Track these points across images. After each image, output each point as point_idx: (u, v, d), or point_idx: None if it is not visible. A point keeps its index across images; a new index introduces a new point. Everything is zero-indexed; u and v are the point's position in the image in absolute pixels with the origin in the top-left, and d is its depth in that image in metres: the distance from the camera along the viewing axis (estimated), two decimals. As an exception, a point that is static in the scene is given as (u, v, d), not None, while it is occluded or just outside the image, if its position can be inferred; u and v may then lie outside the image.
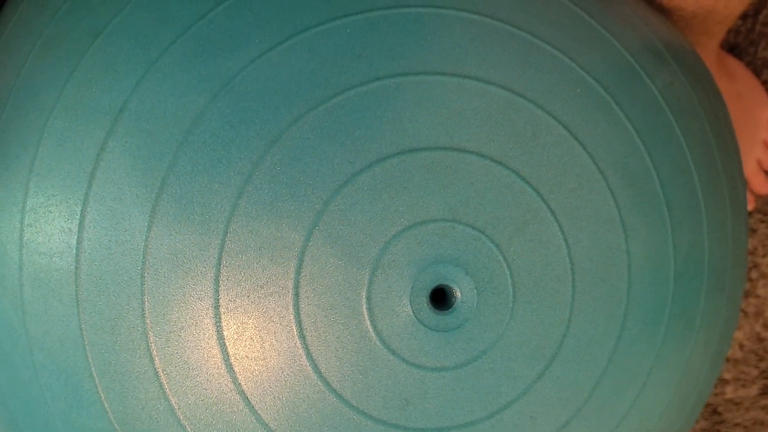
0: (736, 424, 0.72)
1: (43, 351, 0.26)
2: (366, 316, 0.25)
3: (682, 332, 0.29)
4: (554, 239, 0.26)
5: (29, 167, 0.26)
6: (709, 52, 0.55)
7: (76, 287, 0.25)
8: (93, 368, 0.26)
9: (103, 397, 0.26)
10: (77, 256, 0.25)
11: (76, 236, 0.25)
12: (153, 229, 0.24)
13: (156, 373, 0.25)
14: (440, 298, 0.25)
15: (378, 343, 0.25)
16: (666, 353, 0.29)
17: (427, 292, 0.25)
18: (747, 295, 0.71)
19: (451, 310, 0.25)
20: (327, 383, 0.25)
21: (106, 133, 0.25)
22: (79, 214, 0.25)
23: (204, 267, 0.24)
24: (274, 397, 0.25)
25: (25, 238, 0.26)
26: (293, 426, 0.25)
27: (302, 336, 0.24)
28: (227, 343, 0.24)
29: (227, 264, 0.24)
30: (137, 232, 0.25)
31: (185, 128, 0.24)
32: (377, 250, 0.25)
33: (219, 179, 0.24)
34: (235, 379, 0.25)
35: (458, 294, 0.25)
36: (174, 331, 0.25)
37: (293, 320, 0.24)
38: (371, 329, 0.25)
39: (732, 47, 0.67)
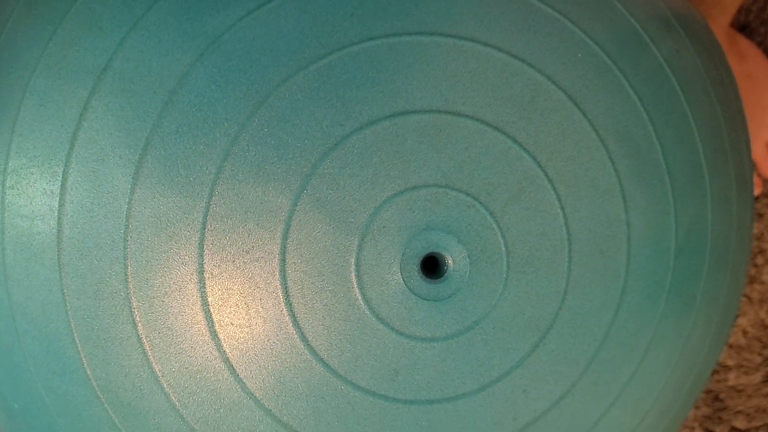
0: (738, 412, 0.71)
1: (25, 316, 0.26)
2: (354, 283, 0.24)
3: (682, 310, 0.28)
4: (551, 208, 0.25)
5: (11, 128, 0.25)
6: (720, 28, 0.54)
7: (59, 251, 0.25)
8: (75, 334, 0.25)
9: (85, 364, 0.25)
10: (59, 219, 0.25)
11: (58, 198, 0.24)
12: (136, 192, 0.24)
13: (139, 339, 0.24)
14: (432, 266, 0.25)
15: (367, 312, 0.24)
16: (664, 330, 0.28)
17: (418, 260, 0.24)
18: (752, 281, 0.70)
19: (442, 278, 0.24)
20: (314, 352, 0.24)
21: (89, 93, 0.24)
22: (60, 176, 0.24)
23: (188, 231, 0.24)
24: (259, 366, 0.24)
25: (6, 200, 0.25)
26: (279, 395, 0.24)
27: (289, 303, 0.24)
28: (211, 310, 0.24)
29: (212, 228, 0.23)
30: (120, 194, 0.24)
31: (170, 88, 0.24)
32: (367, 215, 0.24)
33: (204, 140, 0.23)
34: (219, 347, 0.24)
35: (450, 262, 0.24)
36: (157, 296, 0.24)
37: (279, 287, 0.24)
38: (360, 297, 0.24)
39: (743, 26, 0.65)
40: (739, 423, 0.72)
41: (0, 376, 0.27)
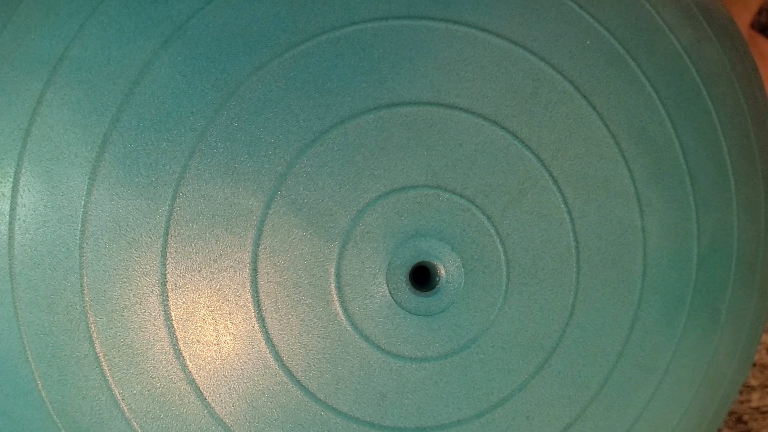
0: (763, 433, 0.68)
1: None
2: (335, 296, 0.21)
3: (706, 325, 0.25)
4: (556, 212, 0.22)
5: None
6: (741, 27, 0.52)
7: (10, 259, 0.22)
8: (29, 352, 0.23)
9: (40, 385, 0.23)
10: (10, 224, 0.22)
11: (9, 201, 0.22)
12: (93, 193, 0.21)
13: (97, 358, 0.22)
14: (422, 277, 0.22)
15: (349, 328, 0.21)
16: (686, 349, 0.25)
17: (406, 270, 0.22)
18: (777, 295, 0.67)
19: (434, 291, 0.22)
20: (290, 373, 0.21)
21: (43, 85, 0.22)
22: (12, 176, 0.22)
23: (150, 237, 0.21)
24: (229, 388, 0.22)
25: (-46, 204, 0.23)
26: (251, 421, 0.22)
27: (261, 318, 0.21)
28: (175, 325, 0.21)
29: (176, 234, 0.21)
30: (75, 196, 0.21)
31: (131, 78, 0.21)
32: (349, 219, 0.21)
33: (168, 136, 0.21)
34: (184, 367, 0.21)
35: (443, 272, 0.22)
36: (116, 310, 0.22)
37: (251, 299, 0.21)
38: (341, 311, 0.21)
39: (763, 28, 0.63)
40: (764, 445, 0.68)
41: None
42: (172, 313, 0.21)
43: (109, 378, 0.22)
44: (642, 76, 0.24)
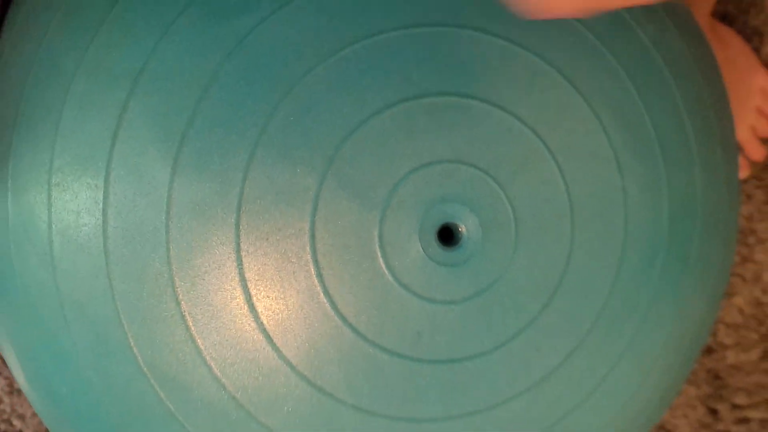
0: (739, 389, 0.73)
1: (73, 305, 0.28)
2: (378, 254, 0.26)
3: (678, 269, 0.31)
4: (553, 177, 0.27)
5: (54, 130, 0.28)
6: (702, 17, 0.57)
7: (104, 240, 0.27)
8: (122, 317, 0.27)
9: (132, 344, 0.27)
10: (104, 210, 0.27)
11: (102, 191, 0.27)
12: (176, 181, 0.26)
13: (182, 316, 0.26)
14: (447, 235, 0.27)
15: (391, 280, 0.26)
16: (662, 289, 0.30)
17: (434, 230, 0.27)
18: (745, 260, 0.72)
19: (458, 246, 0.27)
20: (344, 318, 0.26)
21: (127, 94, 0.27)
22: (104, 170, 0.27)
23: (225, 213, 0.26)
24: (294, 334, 0.26)
25: (53, 196, 0.28)
26: (312, 360, 0.26)
27: (319, 275, 0.26)
28: (249, 285, 0.26)
29: (246, 209, 0.26)
30: (160, 184, 0.26)
31: (202, 85, 0.26)
32: (386, 191, 0.26)
33: (236, 131, 0.26)
34: (257, 319, 0.26)
35: (464, 231, 0.27)
36: (198, 275, 0.26)
37: (310, 260, 0.26)
38: (384, 266, 0.26)
39: (723, 15, 0.68)
40: (740, 400, 0.74)
41: (46, 362, 0.29)
42: (246, 275, 0.26)
43: (193, 332, 0.27)
44: (616, 63, 0.29)
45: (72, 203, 0.27)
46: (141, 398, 0.28)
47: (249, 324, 0.26)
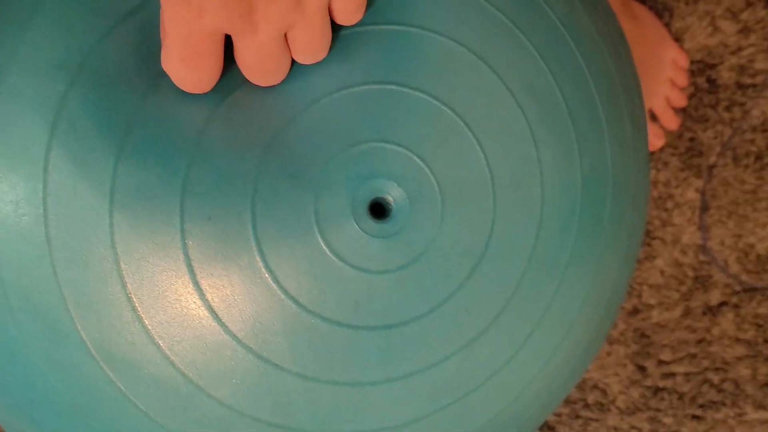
0: (664, 345, 0.78)
1: (17, 294, 0.29)
2: (316, 230, 0.28)
3: (592, 231, 0.33)
4: (473, 151, 0.29)
5: None
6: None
7: (46, 228, 0.28)
8: (68, 302, 0.28)
9: (80, 329, 0.28)
10: (44, 199, 0.28)
11: (41, 181, 0.28)
12: (119, 168, 0.27)
13: (129, 298, 0.28)
14: (378, 209, 0.29)
15: (328, 253, 0.28)
16: (579, 251, 0.33)
17: (366, 204, 0.28)
18: (664, 224, 0.76)
19: (388, 219, 0.29)
20: (286, 292, 0.28)
21: (66, 87, 0.27)
22: (43, 160, 0.27)
23: (169, 196, 0.27)
24: (239, 310, 0.28)
25: (-8, 189, 0.28)
26: (258, 334, 0.28)
27: (261, 252, 0.27)
28: (193, 264, 0.27)
29: (190, 192, 0.27)
30: (104, 171, 0.27)
31: (149, 80, 0.27)
32: (320, 171, 0.28)
33: (182, 120, 0.27)
34: (202, 296, 0.28)
35: (393, 204, 0.29)
36: (143, 257, 0.27)
37: (252, 238, 0.27)
38: (321, 241, 0.28)
39: (634, -7, 0.71)
40: (665, 356, 0.78)
41: (-4, 354, 0.30)
42: (190, 254, 0.27)
43: (140, 312, 0.28)
44: (528, 42, 0.31)
45: (10, 194, 0.28)
46: (91, 381, 0.29)
47: (194, 302, 0.28)
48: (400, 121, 0.29)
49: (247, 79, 0.28)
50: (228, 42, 0.27)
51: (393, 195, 0.28)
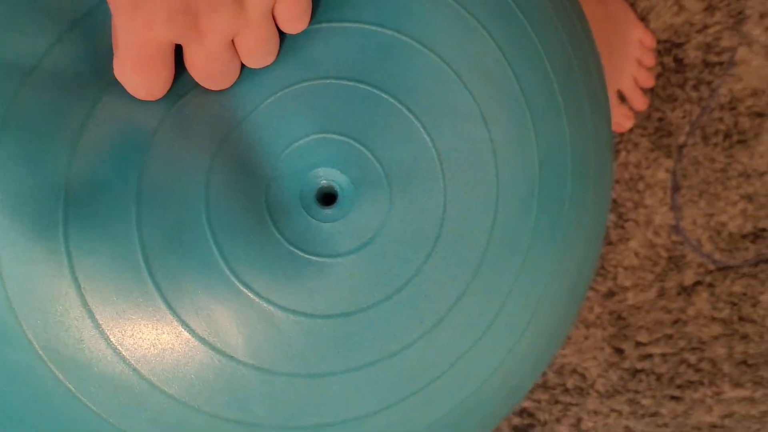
0: (640, 327, 0.78)
1: None
2: (268, 218, 0.27)
3: (554, 212, 0.33)
4: (417, 135, 0.29)
5: None
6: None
7: None
8: (12, 302, 0.27)
9: (25, 328, 0.27)
10: None
11: None
12: (74, 164, 0.27)
13: (79, 292, 0.27)
14: (328, 197, 0.29)
15: (281, 240, 0.28)
16: (540, 232, 0.32)
17: (313, 193, 0.28)
18: (636, 206, 0.76)
19: (335, 204, 0.29)
20: (240, 280, 0.27)
21: (16, 87, 0.27)
22: None
23: (124, 190, 0.27)
24: (193, 300, 0.27)
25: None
26: (212, 324, 0.27)
27: (216, 241, 0.27)
28: (148, 252, 0.27)
29: (146, 183, 0.27)
30: (58, 168, 0.27)
31: (104, 79, 0.27)
32: (269, 166, 0.28)
33: (136, 119, 0.27)
34: (157, 287, 0.27)
35: (338, 190, 0.28)
36: (96, 250, 0.27)
37: (206, 226, 0.27)
38: (273, 229, 0.28)
39: (597, -26, 0.71)
40: (642, 337, 0.78)
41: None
42: (146, 241, 0.27)
43: (91, 307, 0.27)
44: (475, 21, 0.30)
45: None
46: (40, 383, 0.28)
47: (148, 293, 0.27)
48: (340, 113, 0.29)
49: (197, 83, 0.28)
50: (179, 48, 0.27)
51: (338, 182, 0.29)
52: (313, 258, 0.28)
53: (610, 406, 0.78)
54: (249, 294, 0.27)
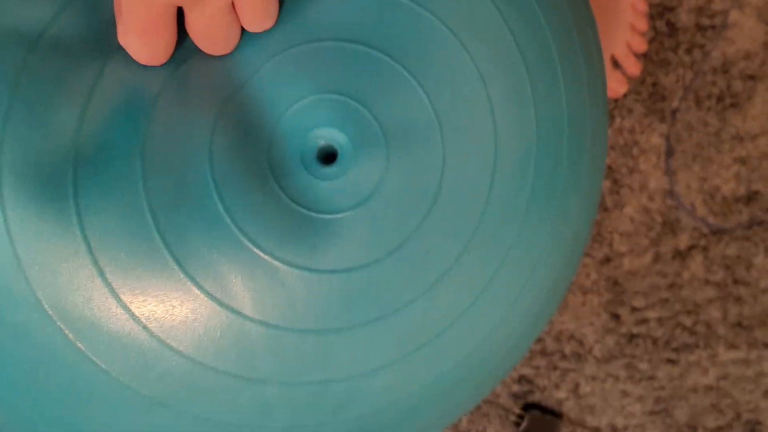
0: (636, 292, 0.79)
1: None
2: (271, 178, 0.28)
3: (551, 170, 0.33)
4: (415, 95, 0.29)
5: None
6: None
7: (0, 186, 0.27)
8: (21, 261, 0.27)
9: (34, 287, 0.28)
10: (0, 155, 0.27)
11: None
12: (83, 129, 0.27)
13: (89, 251, 0.27)
14: (325, 155, 0.30)
15: (285, 198, 0.28)
16: (539, 189, 0.33)
17: (313, 152, 0.29)
18: (631, 171, 0.77)
19: (335, 162, 0.29)
20: (246, 235, 0.28)
21: (25, 52, 0.27)
22: (2, 119, 0.27)
23: (131, 152, 0.27)
24: (200, 257, 0.28)
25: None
26: (219, 281, 0.28)
27: (220, 197, 0.28)
28: (155, 210, 0.27)
29: (149, 145, 0.27)
30: (66, 131, 0.27)
31: (110, 45, 0.27)
32: (271, 127, 0.29)
33: (144, 79, 0.27)
34: (163, 239, 0.27)
35: (338, 149, 0.29)
36: (106, 209, 0.27)
37: (211, 183, 0.28)
38: (276, 187, 0.28)
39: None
40: (638, 302, 0.79)
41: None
42: (152, 201, 0.27)
43: (101, 265, 0.27)
44: None
45: None
46: (49, 342, 0.28)
47: (156, 249, 0.27)
48: (338, 73, 0.29)
49: (199, 49, 0.29)
50: (180, 14, 0.28)
51: (337, 141, 0.29)
52: (315, 215, 0.28)
53: (608, 371, 0.79)
54: (254, 249, 0.28)
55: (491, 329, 0.34)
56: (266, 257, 0.28)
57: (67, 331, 0.28)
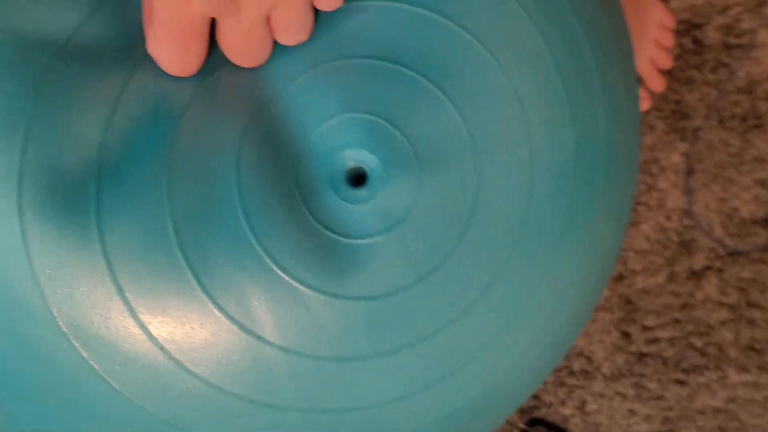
0: (649, 311, 0.78)
1: None
2: (298, 198, 0.27)
3: (585, 196, 0.32)
4: (450, 116, 0.28)
5: None
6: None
7: (19, 195, 0.26)
8: (37, 275, 0.26)
9: (50, 303, 0.27)
10: (21, 167, 0.26)
11: (20, 148, 0.26)
12: (107, 138, 0.26)
13: (109, 267, 0.26)
14: (355, 177, 0.29)
15: (312, 221, 0.27)
16: (572, 215, 0.32)
17: (342, 173, 0.28)
18: (650, 189, 0.76)
19: (364, 185, 0.28)
20: (270, 256, 0.27)
21: (49, 60, 0.26)
22: (23, 131, 0.26)
23: (156, 164, 0.26)
24: (221, 275, 0.27)
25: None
26: (241, 303, 0.27)
27: (246, 215, 0.27)
28: (179, 227, 0.26)
29: (175, 157, 0.26)
30: (90, 142, 0.26)
31: (138, 53, 0.26)
32: (299, 144, 0.27)
33: (172, 90, 0.27)
34: (186, 257, 0.26)
35: (368, 170, 0.28)
36: (128, 223, 0.26)
37: (237, 201, 0.26)
38: (305, 209, 0.27)
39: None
40: (650, 321, 0.78)
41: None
42: (176, 217, 0.26)
43: (120, 283, 0.26)
44: (514, 1, 0.29)
45: None
46: (62, 361, 0.27)
47: (178, 268, 0.26)
48: (369, 92, 0.28)
49: (229, 60, 0.28)
50: (211, 24, 0.27)
51: (367, 162, 0.28)
52: (343, 239, 0.27)
53: (616, 389, 0.78)
54: (279, 272, 0.27)
55: (517, 358, 0.33)
56: (291, 281, 0.27)
57: (81, 350, 0.27)
